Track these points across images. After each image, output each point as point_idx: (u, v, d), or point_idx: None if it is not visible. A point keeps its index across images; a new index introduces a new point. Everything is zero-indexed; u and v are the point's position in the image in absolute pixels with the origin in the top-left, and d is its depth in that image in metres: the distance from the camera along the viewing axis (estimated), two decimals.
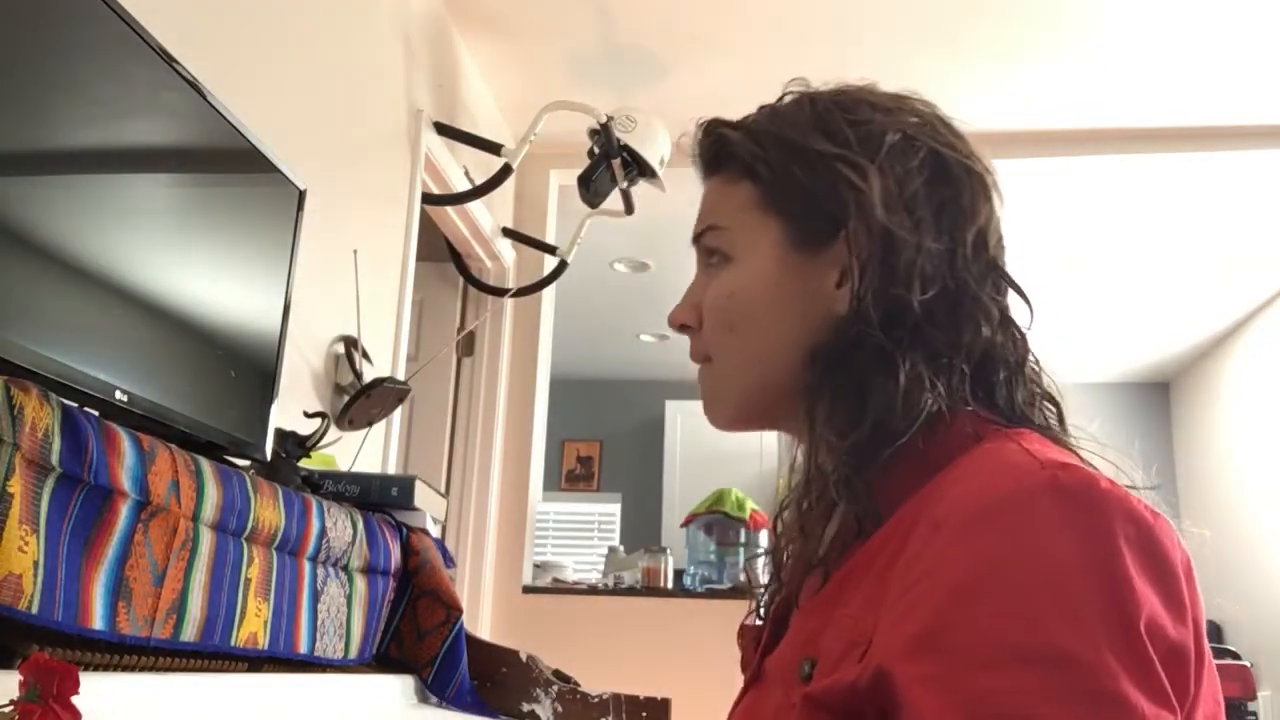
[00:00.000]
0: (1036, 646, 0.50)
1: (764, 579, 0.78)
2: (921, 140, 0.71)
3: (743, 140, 0.75)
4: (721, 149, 0.77)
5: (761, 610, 0.78)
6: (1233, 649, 4.60)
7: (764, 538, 3.76)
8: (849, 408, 0.66)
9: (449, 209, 2.99)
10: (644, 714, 1.56)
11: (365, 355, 2.22)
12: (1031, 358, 0.71)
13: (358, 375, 2.15)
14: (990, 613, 0.51)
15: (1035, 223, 3.91)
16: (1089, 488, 0.55)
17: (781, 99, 0.77)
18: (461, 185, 2.99)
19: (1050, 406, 0.70)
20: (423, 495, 1.58)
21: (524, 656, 1.60)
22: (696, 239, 0.78)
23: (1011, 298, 0.72)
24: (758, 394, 0.74)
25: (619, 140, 2.77)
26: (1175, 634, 0.52)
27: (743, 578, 3.69)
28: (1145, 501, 0.56)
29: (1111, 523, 0.53)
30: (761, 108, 0.77)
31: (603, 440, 6.67)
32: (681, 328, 0.79)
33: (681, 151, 0.82)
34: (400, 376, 2.52)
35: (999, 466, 0.59)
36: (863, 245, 0.68)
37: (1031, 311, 0.72)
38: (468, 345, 3.47)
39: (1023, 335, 0.71)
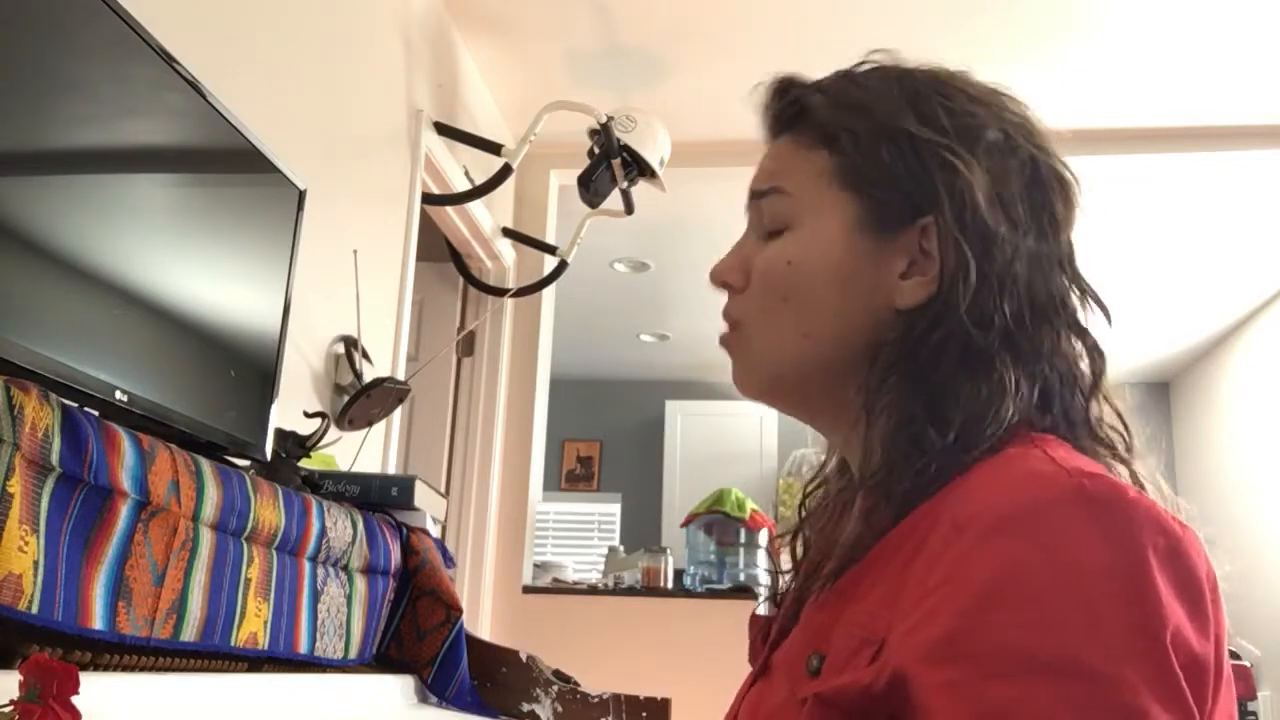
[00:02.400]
0: (1056, 657, 0.49)
1: (785, 564, 0.76)
2: (1021, 141, 0.68)
3: (825, 107, 0.70)
4: (799, 111, 0.72)
5: (769, 600, 0.76)
6: (1232, 649, 4.60)
7: (764, 537, 3.76)
8: (930, 413, 0.62)
9: (449, 209, 2.99)
10: (644, 714, 1.55)
11: (365, 355, 2.22)
12: (1107, 375, 0.68)
13: (358, 375, 2.15)
14: (1011, 620, 0.50)
15: None
16: (1117, 497, 0.53)
17: (859, 66, 0.72)
18: (461, 185, 2.99)
19: (1119, 429, 0.67)
20: (423, 495, 1.58)
21: (524, 656, 1.60)
22: (756, 196, 0.73)
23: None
24: (795, 371, 0.70)
25: (619, 140, 2.77)
26: (1198, 647, 0.51)
27: (760, 567, 3.69)
28: (1173, 514, 0.54)
29: (1140, 533, 0.52)
30: (840, 73, 0.73)
31: (603, 440, 6.67)
32: (724, 285, 0.74)
33: (747, 107, 0.76)
34: (400, 376, 2.52)
35: (1024, 473, 0.57)
36: (954, 239, 0.64)
37: (1110, 324, 0.70)
38: (468, 345, 3.47)
39: (1102, 352, 0.69)
